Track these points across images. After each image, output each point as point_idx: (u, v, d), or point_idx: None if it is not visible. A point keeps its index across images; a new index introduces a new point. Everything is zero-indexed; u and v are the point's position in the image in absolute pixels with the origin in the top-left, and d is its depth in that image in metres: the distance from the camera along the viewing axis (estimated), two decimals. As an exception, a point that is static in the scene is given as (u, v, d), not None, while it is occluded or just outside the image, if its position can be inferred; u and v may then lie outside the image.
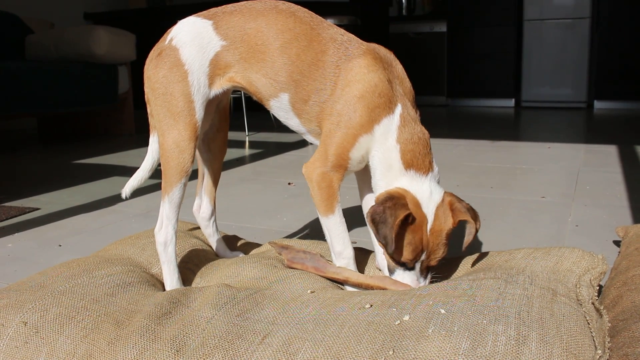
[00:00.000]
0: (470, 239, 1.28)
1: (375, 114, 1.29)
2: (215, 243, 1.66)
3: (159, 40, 1.44)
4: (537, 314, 1.05)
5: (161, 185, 1.40)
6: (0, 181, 3.33)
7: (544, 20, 6.72)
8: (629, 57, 6.34)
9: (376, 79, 1.30)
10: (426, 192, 1.27)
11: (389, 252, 1.25)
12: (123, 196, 1.52)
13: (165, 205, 1.39)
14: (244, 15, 1.39)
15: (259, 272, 1.40)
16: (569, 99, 6.77)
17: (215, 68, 1.39)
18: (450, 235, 1.30)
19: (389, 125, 1.30)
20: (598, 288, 1.26)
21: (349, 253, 1.38)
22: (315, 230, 2.16)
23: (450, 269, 1.44)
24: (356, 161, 1.34)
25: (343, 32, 1.39)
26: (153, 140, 1.50)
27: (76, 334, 1.12)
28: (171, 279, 1.40)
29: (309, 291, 1.27)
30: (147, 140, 1.55)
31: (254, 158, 3.90)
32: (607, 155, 3.58)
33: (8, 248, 2.10)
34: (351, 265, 1.39)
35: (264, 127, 5.40)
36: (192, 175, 1.44)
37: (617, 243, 1.89)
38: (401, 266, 1.31)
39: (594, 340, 1.02)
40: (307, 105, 1.36)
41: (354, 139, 1.30)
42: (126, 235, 2.07)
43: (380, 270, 1.47)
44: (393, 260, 1.31)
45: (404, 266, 1.31)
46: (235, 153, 4.05)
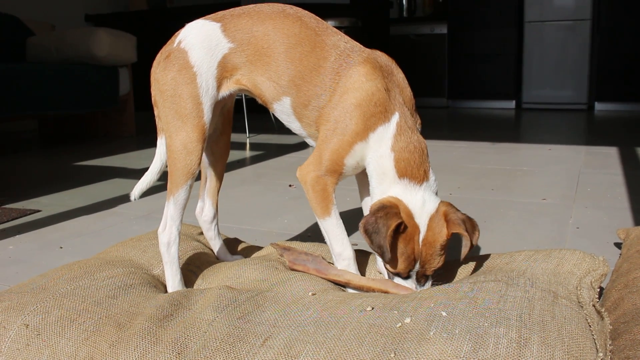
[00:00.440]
0: (466, 251, 1.27)
1: (371, 122, 1.30)
2: (217, 246, 1.66)
3: (167, 43, 1.44)
4: (539, 316, 1.05)
5: (167, 187, 1.41)
6: (1, 183, 3.33)
7: (544, 22, 6.72)
8: (630, 58, 6.34)
9: (373, 88, 1.30)
10: (419, 202, 1.27)
11: (385, 261, 1.25)
12: (132, 199, 1.52)
13: (170, 206, 1.40)
14: (251, 18, 1.40)
15: (260, 274, 1.40)
16: (570, 100, 6.77)
17: (223, 70, 1.40)
18: (446, 245, 1.29)
19: (384, 133, 1.31)
20: (599, 290, 1.26)
21: (349, 253, 1.39)
22: (316, 233, 2.16)
23: (451, 272, 1.44)
24: (351, 167, 1.35)
25: (347, 39, 1.40)
26: (161, 142, 1.50)
27: (78, 336, 1.12)
28: (173, 280, 1.40)
29: (310, 293, 1.27)
30: (148, 142, 1.55)
31: (254, 160, 3.90)
32: (607, 157, 3.57)
33: (9, 250, 2.10)
34: (352, 266, 1.39)
35: (265, 129, 5.40)
36: (196, 177, 1.44)
37: (618, 245, 1.89)
38: (397, 276, 1.32)
39: (595, 342, 1.02)
40: (307, 110, 1.37)
41: (349, 146, 1.31)
42: (127, 237, 2.07)
43: (381, 273, 1.47)
44: (388, 269, 1.32)
45: (399, 275, 1.31)
46: (236, 155, 4.05)
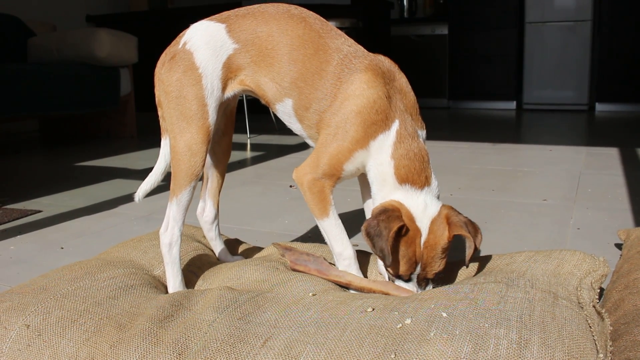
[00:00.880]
0: (471, 253, 1.27)
1: (371, 130, 1.30)
2: (217, 247, 1.67)
3: (172, 44, 1.44)
4: (539, 317, 1.05)
5: (169, 187, 1.41)
6: (2, 183, 3.34)
7: (545, 23, 6.72)
8: (631, 59, 6.34)
9: (375, 96, 1.30)
10: (420, 206, 1.27)
11: (386, 264, 1.25)
12: (136, 200, 1.53)
13: (173, 207, 1.40)
14: (256, 19, 1.39)
15: (260, 275, 1.40)
16: (571, 101, 6.77)
17: (227, 71, 1.40)
18: (447, 249, 1.29)
19: (384, 141, 1.31)
20: (599, 291, 1.26)
21: (349, 253, 1.39)
22: (316, 233, 2.16)
23: (451, 273, 1.44)
24: (350, 172, 1.36)
25: (351, 42, 1.39)
26: (165, 143, 1.50)
27: (78, 336, 1.12)
28: (174, 281, 1.40)
29: (310, 294, 1.27)
30: (149, 143, 1.56)
31: (255, 161, 3.90)
32: (608, 158, 3.57)
33: (10, 250, 2.10)
34: (353, 265, 1.39)
35: (266, 130, 5.40)
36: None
37: (619, 246, 1.89)
38: (398, 278, 1.32)
39: (595, 343, 1.02)
40: (308, 113, 1.37)
41: (349, 153, 1.32)
42: (128, 237, 2.07)
43: (382, 274, 1.47)
44: (389, 272, 1.32)
45: (401, 278, 1.31)
46: (237, 156, 4.05)
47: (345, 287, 1.38)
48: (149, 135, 5.13)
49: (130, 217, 2.50)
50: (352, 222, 1.89)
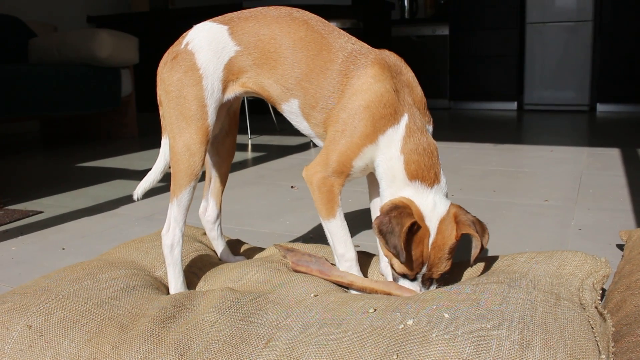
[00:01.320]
0: (477, 252, 1.27)
1: (380, 125, 1.30)
2: (219, 247, 1.67)
3: (174, 44, 1.45)
4: (541, 318, 1.05)
5: (170, 188, 1.41)
6: (4, 184, 3.34)
7: (546, 24, 6.72)
8: (632, 60, 6.34)
9: (382, 89, 1.30)
10: (429, 205, 1.27)
11: (401, 261, 1.24)
12: (135, 198, 1.53)
13: (174, 208, 1.40)
14: (258, 22, 1.40)
15: (262, 276, 1.40)
16: (572, 102, 6.77)
17: (229, 73, 1.40)
18: (455, 248, 1.29)
19: (393, 135, 1.30)
20: (601, 292, 1.26)
21: (351, 255, 1.39)
22: (318, 234, 2.16)
23: (453, 274, 1.44)
24: (359, 169, 1.35)
25: (355, 40, 1.39)
26: (165, 142, 1.51)
27: (80, 337, 1.12)
28: (176, 282, 1.40)
29: (312, 295, 1.27)
30: (150, 143, 1.56)
31: (256, 161, 3.90)
32: (610, 159, 3.57)
33: (12, 251, 2.10)
34: (354, 268, 1.39)
35: (267, 130, 5.40)
36: (200, 177, 1.44)
37: (621, 247, 1.89)
38: (403, 277, 1.32)
39: (597, 344, 1.02)
40: (315, 111, 1.37)
41: (358, 149, 1.31)
42: (130, 238, 2.07)
43: (383, 275, 1.47)
44: (395, 270, 1.32)
45: (406, 277, 1.31)
46: (238, 156, 4.05)
47: (347, 287, 1.38)
48: (149, 135, 5.13)
49: (131, 218, 2.50)
50: (353, 222, 1.90)
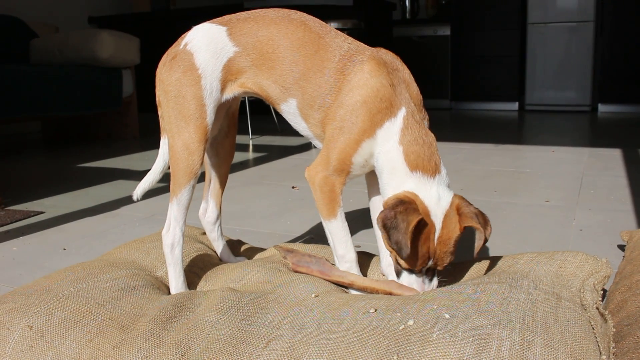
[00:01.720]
0: (481, 244, 1.27)
1: (377, 119, 1.30)
2: (220, 248, 1.67)
3: (173, 44, 1.46)
4: (542, 318, 1.05)
5: (169, 188, 1.41)
6: (5, 185, 3.34)
7: (547, 24, 6.72)
8: (633, 60, 6.33)
9: (378, 84, 1.30)
10: (434, 199, 1.26)
11: (403, 257, 1.23)
12: (134, 198, 1.53)
13: (174, 207, 1.41)
14: (257, 23, 1.41)
15: (263, 276, 1.40)
16: (573, 102, 6.76)
17: (227, 73, 1.41)
18: (458, 240, 1.29)
19: (391, 128, 1.30)
20: (602, 292, 1.26)
21: (352, 256, 1.39)
22: (319, 234, 2.16)
23: (454, 274, 1.44)
24: (359, 165, 1.35)
25: (351, 40, 1.40)
26: (164, 142, 1.51)
27: (81, 338, 1.12)
28: (176, 282, 1.41)
29: (313, 295, 1.27)
30: (151, 144, 1.56)
31: (257, 162, 3.90)
32: (611, 159, 3.57)
33: (13, 252, 2.11)
34: (354, 268, 1.39)
35: (268, 131, 5.40)
36: (199, 178, 1.45)
37: (622, 247, 1.88)
38: (409, 272, 1.31)
39: (598, 345, 1.02)
40: (313, 110, 1.38)
41: (356, 144, 1.31)
42: (131, 238, 2.08)
43: (384, 275, 1.47)
44: (400, 265, 1.31)
45: (411, 270, 1.31)
46: (239, 157, 4.05)
47: (347, 287, 1.38)
48: (151, 136, 5.14)
49: (132, 218, 2.51)
50: (353, 223, 1.90)
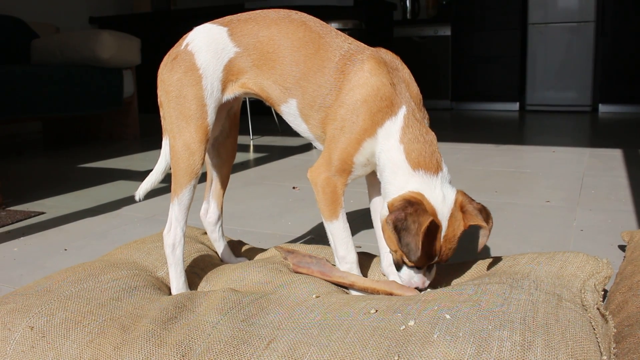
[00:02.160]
0: (485, 241, 1.28)
1: (378, 117, 1.30)
2: (221, 248, 1.67)
3: (175, 45, 1.46)
4: (543, 319, 1.05)
5: (170, 188, 1.41)
6: (6, 185, 3.34)
7: (548, 24, 6.72)
8: (634, 60, 6.33)
9: (379, 83, 1.30)
10: (439, 198, 1.26)
11: (412, 259, 1.22)
12: (137, 199, 1.53)
13: (175, 207, 1.41)
14: (258, 24, 1.41)
15: (264, 277, 1.40)
16: (574, 102, 6.76)
17: (228, 74, 1.41)
18: (461, 235, 1.30)
19: (392, 126, 1.31)
20: (603, 293, 1.26)
21: (352, 258, 1.39)
22: (319, 235, 2.16)
23: (455, 275, 1.44)
24: (360, 165, 1.35)
25: (352, 40, 1.41)
26: (166, 143, 1.52)
27: (82, 338, 1.12)
28: (177, 282, 1.41)
29: (314, 296, 1.27)
30: (151, 144, 1.56)
31: (258, 162, 3.90)
32: (612, 159, 3.57)
33: (14, 252, 2.11)
34: (354, 270, 1.39)
35: (268, 131, 5.41)
36: (200, 179, 1.45)
37: (623, 248, 1.88)
38: (417, 269, 1.31)
39: (599, 346, 1.02)
40: (313, 110, 1.38)
41: (357, 144, 1.31)
42: (131, 239, 2.08)
43: (384, 275, 1.47)
44: (405, 263, 1.31)
45: (419, 269, 1.31)
46: (240, 157, 4.05)
47: (348, 288, 1.38)
48: (151, 136, 5.14)
49: (133, 219, 2.51)
50: (354, 223, 1.89)
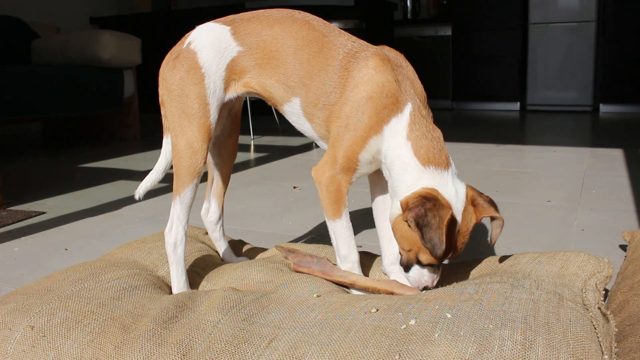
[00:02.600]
0: (499, 232, 1.29)
1: (383, 115, 1.30)
2: (222, 248, 1.67)
3: (177, 44, 1.46)
4: (544, 318, 1.05)
5: (171, 188, 1.41)
6: (6, 185, 3.34)
7: (549, 24, 6.72)
8: (635, 60, 6.33)
9: (383, 80, 1.30)
10: (453, 193, 1.26)
11: (437, 254, 1.21)
12: (136, 197, 1.53)
13: (176, 206, 1.41)
14: (261, 23, 1.41)
15: (265, 276, 1.40)
16: (575, 102, 6.76)
17: (231, 73, 1.41)
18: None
19: (398, 124, 1.30)
20: (604, 292, 1.25)
21: (354, 257, 1.39)
22: (320, 234, 2.16)
23: (456, 274, 1.44)
24: (366, 163, 1.34)
25: (355, 39, 1.41)
26: (166, 142, 1.51)
27: (83, 337, 1.12)
28: (178, 281, 1.41)
29: (315, 295, 1.27)
30: (152, 144, 1.56)
31: (259, 162, 3.90)
32: (612, 159, 3.57)
33: (14, 252, 2.11)
34: (355, 269, 1.39)
35: (269, 131, 5.41)
36: (201, 178, 1.45)
37: (624, 247, 1.88)
38: (419, 264, 1.30)
39: (600, 345, 1.02)
40: (317, 109, 1.37)
41: (363, 142, 1.31)
42: (132, 239, 2.08)
43: (386, 274, 1.47)
44: (421, 262, 1.29)
45: (422, 264, 1.30)
46: (241, 157, 4.05)
47: (349, 287, 1.38)
48: (152, 136, 5.14)
49: (134, 218, 2.51)
50: (356, 223, 1.89)
